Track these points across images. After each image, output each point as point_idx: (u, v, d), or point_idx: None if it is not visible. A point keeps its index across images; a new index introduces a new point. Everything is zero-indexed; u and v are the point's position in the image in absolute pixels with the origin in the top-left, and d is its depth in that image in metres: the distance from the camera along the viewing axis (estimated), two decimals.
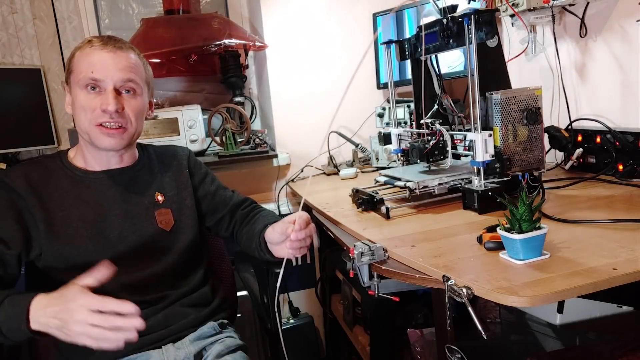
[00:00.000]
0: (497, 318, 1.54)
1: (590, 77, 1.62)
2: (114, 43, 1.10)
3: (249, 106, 2.24)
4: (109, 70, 1.07)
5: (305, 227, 1.08)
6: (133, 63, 1.12)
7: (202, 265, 1.26)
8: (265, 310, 1.41)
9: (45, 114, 1.88)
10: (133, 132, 1.13)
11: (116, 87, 1.08)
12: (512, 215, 0.87)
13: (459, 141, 1.34)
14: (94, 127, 1.08)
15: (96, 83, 1.07)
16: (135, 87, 1.11)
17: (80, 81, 1.08)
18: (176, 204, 1.23)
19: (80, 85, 1.08)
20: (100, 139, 1.09)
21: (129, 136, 1.12)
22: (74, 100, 1.10)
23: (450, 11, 1.31)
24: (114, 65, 1.08)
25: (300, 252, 1.11)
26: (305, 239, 1.10)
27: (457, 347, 0.91)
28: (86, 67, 1.07)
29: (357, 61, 2.16)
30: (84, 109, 1.08)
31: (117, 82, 1.08)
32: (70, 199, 1.11)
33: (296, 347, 2.12)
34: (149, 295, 1.13)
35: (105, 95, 1.07)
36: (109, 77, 1.07)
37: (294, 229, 1.07)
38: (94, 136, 1.09)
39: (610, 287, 0.78)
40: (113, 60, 1.08)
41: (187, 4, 2.11)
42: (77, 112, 1.10)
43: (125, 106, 1.09)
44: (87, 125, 1.09)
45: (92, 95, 1.08)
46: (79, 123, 1.11)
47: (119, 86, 1.09)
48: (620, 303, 1.25)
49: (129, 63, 1.10)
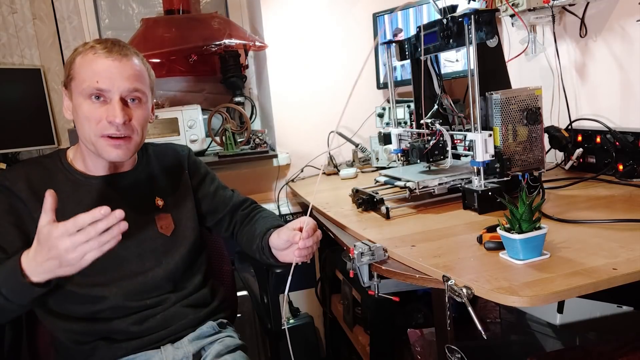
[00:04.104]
0: (497, 318, 1.54)
1: (590, 77, 1.62)
2: (119, 50, 1.06)
3: (249, 106, 2.24)
4: (114, 80, 1.04)
5: (312, 234, 1.08)
6: (138, 70, 1.08)
7: (202, 266, 1.26)
8: (266, 310, 1.41)
9: (45, 114, 1.88)
10: (139, 141, 1.11)
11: (122, 97, 1.05)
12: (512, 215, 0.87)
13: (459, 141, 1.34)
14: (100, 139, 1.05)
15: (101, 93, 1.04)
16: (141, 96, 1.09)
17: (85, 90, 1.04)
18: (176, 207, 1.22)
19: (84, 95, 1.04)
20: (107, 150, 1.06)
21: (135, 145, 1.10)
22: (77, 109, 1.07)
23: (450, 11, 1.31)
24: (120, 74, 1.04)
25: (307, 258, 1.11)
26: (313, 245, 1.10)
27: (457, 347, 0.91)
28: (90, 76, 1.03)
29: (357, 61, 2.17)
30: (89, 120, 1.04)
31: (123, 92, 1.05)
32: (71, 205, 1.09)
33: (296, 347, 2.11)
34: (150, 299, 1.12)
35: (112, 106, 1.04)
36: (115, 87, 1.04)
37: (302, 237, 1.07)
38: (100, 148, 1.06)
39: (610, 287, 0.78)
40: (118, 69, 1.04)
41: (187, 4, 2.12)
42: (81, 122, 1.06)
43: (132, 117, 1.07)
44: (93, 137, 1.05)
45: (97, 104, 1.04)
46: (83, 133, 1.07)
47: (125, 96, 1.06)
48: (620, 303, 1.25)
49: (135, 71, 1.07)
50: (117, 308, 1.09)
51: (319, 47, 2.14)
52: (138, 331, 1.10)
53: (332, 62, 2.15)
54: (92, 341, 1.08)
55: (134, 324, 1.09)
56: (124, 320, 1.09)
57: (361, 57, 2.16)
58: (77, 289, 1.07)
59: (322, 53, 2.14)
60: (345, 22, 2.15)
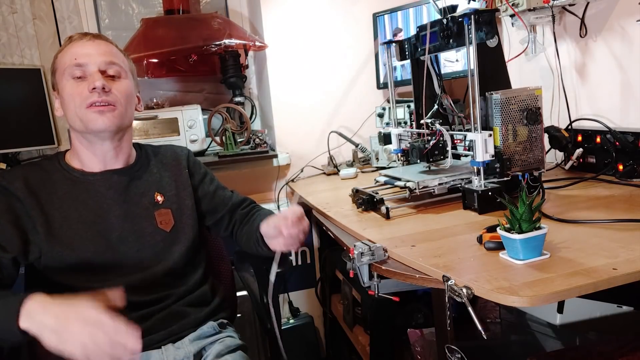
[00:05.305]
0: (497, 318, 1.54)
1: (590, 77, 1.62)
2: (92, 34, 1.14)
3: (249, 106, 2.24)
4: (91, 55, 1.10)
5: (298, 222, 1.09)
6: (114, 51, 1.15)
7: (201, 265, 1.26)
8: (266, 310, 1.41)
9: (45, 114, 1.87)
10: (123, 113, 1.12)
11: (100, 69, 1.10)
12: (512, 215, 0.87)
13: (459, 141, 1.34)
14: (85, 110, 1.08)
15: (81, 69, 1.09)
16: (120, 70, 1.13)
17: (66, 71, 1.09)
18: (176, 204, 1.22)
19: (66, 77, 1.09)
20: (93, 119, 1.08)
21: (120, 115, 1.11)
22: (62, 94, 1.11)
23: (450, 11, 1.31)
24: (95, 50, 1.11)
25: (294, 247, 1.13)
26: (299, 234, 1.11)
27: (457, 347, 0.91)
28: (69, 58, 1.09)
29: (357, 61, 2.17)
30: (72, 96, 1.08)
31: (100, 65, 1.10)
32: (69, 201, 1.10)
33: (296, 347, 2.12)
34: (149, 296, 1.12)
35: (91, 77, 1.08)
36: (92, 61, 1.09)
37: (286, 225, 1.09)
38: (86, 118, 1.08)
39: (610, 287, 0.78)
40: (93, 46, 1.11)
41: (187, 4, 2.11)
42: (67, 103, 1.10)
43: (112, 87, 1.10)
44: (78, 110, 1.08)
45: (78, 82, 1.09)
46: (70, 114, 1.10)
47: (103, 69, 1.11)
48: (620, 303, 1.25)
49: (110, 49, 1.14)
50: None
51: (319, 47, 2.14)
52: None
53: (332, 62, 2.15)
54: None
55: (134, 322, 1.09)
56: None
57: (361, 57, 2.17)
58: (76, 283, 1.07)
59: (322, 53, 2.14)
60: (345, 22, 2.15)
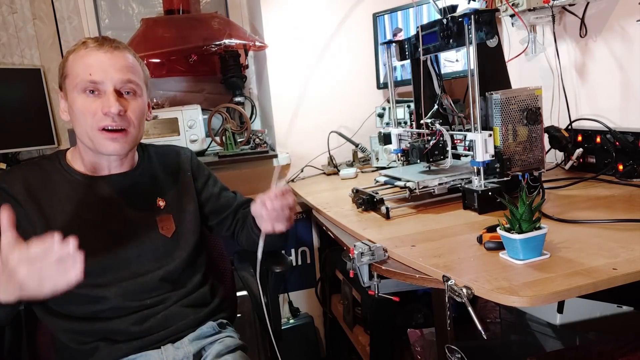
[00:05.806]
0: (497, 318, 1.54)
1: (590, 77, 1.62)
2: (110, 43, 1.07)
3: (249, 106, 2.24)
4: (107, 72, 1.04)
5: (281, 197, 1.10)
6: (131, 63, 1.09)
7: (202, 266, 1.25)
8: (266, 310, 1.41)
9: (45, 114, 1.88)
10: (135, 135, 1.10)
11: (116, 89, 1.06)
12: (512, 215, 0.87)
13: (459, 141, 1.34)
14: (97, 132, 1.05)
15: (95, 86, 1.04)
16: (136, 88, 1.09)
17: (78, 85, 1.04)
18: (177, 209, 1.22)
19: (78, 90, 1.04)
20: (104, 144, 1.06)
21: (132, 139, 1.09)
22: (72, 106, 1.06)
23: (450, 11, 1.31)
24: (112, 66, 1.05)
25: (277, 223, 1.13)
26: (283, 208, 1.11)
27: (457, 347, 0.91)
28: (83, 70, 1.04)
29: (357, 61, 2.17)
30: (84, 114, 1.04)
31: (117, 84, 1.05)
32: (70, 205, 1.09)
33: (296, 347, 2.12)
34: (150, 299, 1.12)
35: (106, 98, 1.04)
36: (108, 78, 1.04)
37: (269, 198, 1.10)
38: (97, 142, 1.06)
39: (610, 287, 0.78)
40: (110, 61, 1.05)
41: (187, 4, 2.11)
42: (77, 118, 1.06)
43: (127, 108, 1.07)
44: (89, 130, 1.05)
45: (92, 98, 1.04)
46: (79, 129, 1.07)
47: (119, 87, 1.06)
48: (620, 303, 1.25)
49: (127, 63, 1.08)
50: (117, 308, 1.08)
51: (319, 47, 2.14)
52: (138, 331, 1.09)
53: (332, 62, 2.15)
54: (92, 341, 1.08)
55: (134, 324, 1.09)
56: (124, 320, 1.09)
57: (361, 57, 2.16)
58: (77, 289, 1.06)
59: (322, 53, 2.14)
60: (345, 22, 2.15)
